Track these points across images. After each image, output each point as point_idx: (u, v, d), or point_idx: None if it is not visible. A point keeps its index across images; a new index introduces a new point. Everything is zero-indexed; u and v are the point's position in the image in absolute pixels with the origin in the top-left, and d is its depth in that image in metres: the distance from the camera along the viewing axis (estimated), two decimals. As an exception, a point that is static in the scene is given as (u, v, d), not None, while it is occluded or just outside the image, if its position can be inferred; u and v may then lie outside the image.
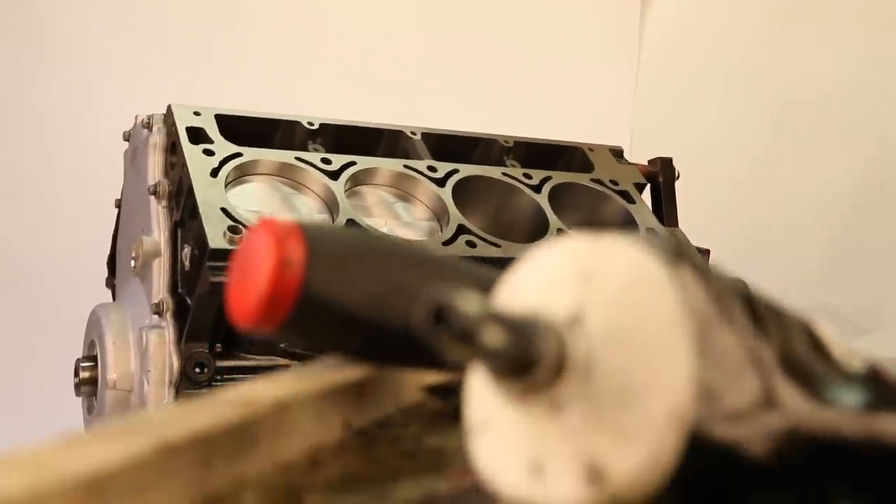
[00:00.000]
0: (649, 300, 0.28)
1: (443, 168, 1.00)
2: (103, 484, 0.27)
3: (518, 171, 1.05)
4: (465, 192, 0.99)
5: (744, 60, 1.45)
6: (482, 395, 0.31)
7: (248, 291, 0.38)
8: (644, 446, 0.27)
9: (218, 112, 0.96)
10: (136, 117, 0.98)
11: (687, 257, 0.32)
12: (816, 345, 0.35)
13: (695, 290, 0.31)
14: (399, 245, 0.41)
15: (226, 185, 0.91)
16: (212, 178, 0.90)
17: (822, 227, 1.36)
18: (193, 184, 0.89)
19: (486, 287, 0.37)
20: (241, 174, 0.94)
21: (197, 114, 0.95)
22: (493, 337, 0.26)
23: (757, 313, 0.34)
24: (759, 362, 0.32)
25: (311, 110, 1.01)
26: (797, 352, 0.34)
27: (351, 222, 0.89)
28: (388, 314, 0.39)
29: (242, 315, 0.38)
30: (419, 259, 0.40)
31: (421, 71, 1.51)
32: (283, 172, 0.95)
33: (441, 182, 0.98)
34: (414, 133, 1.04)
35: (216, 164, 0.91)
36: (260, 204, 0.93)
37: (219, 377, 0.89)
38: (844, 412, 0.35)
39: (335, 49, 1.50)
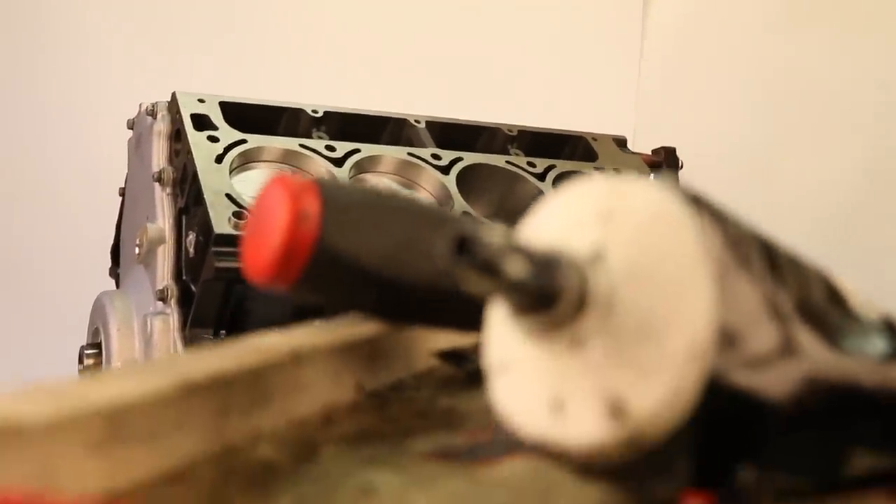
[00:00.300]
0: (670, 238, 0.28)
1: (447, 156, 1.00)
2: (122, 416, 0.27)
3: (522, 160, 1.05)
4: (469, 181, 0.99)
5: (748, 51, 1.45)
6: (502, 335, 0.31)
7: (262, 246, 0.38)
8: (665, 381, 0.27)
9: (222, 99, 0.96)
10: (139, 105, 0.98)
11: (704, 203, 0.32)
12: (834, 295, 0.35)
13: (712, 235, 0.31)
14: (414, 203, 0.41)
15: (230, 172, 0.91)
16: (216, 165, 0.90)
17: (824, 218, 1.36)
18: (198, 170, 0.89)
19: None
20: (246, 161, 0.94)
21: (201, 101, 0.95)
22: (515, 267, 0.26)
23: (774, 261, 0.33)
24: (777, 309, 0.32)
25: (316, 98, 1.01)
26: (815, 300, 0.34)
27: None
28: (403, 270, 0.39)
29: (257, 271, 0.38)
30: (434, 217, 0.40)
31: (425, 59, 1.51)
32: (288, 159, 0.95)
33: (445, 170, 0.99)
34: (418, 121, 1.04)
35: (221, 151, 0.91)
36: (264, 191, 0.93)
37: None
38: (863, 361, 0.35)
39: (340, 37, 1.50)
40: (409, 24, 1.53)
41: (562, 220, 0.30)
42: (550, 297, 0.27)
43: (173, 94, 0.95)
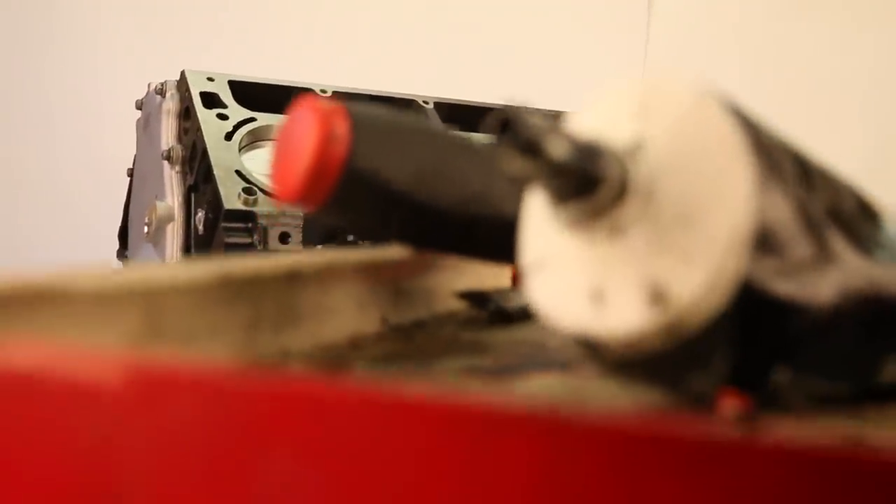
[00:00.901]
0: (709, 128, 0.29)
1: (455, 137, 1.00)
2: (162, 304, 0.27)
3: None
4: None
5: (753, 38, 1.45)
6: (538, 233, 0.31)
7: (292, 167, 0.38)
8: (706, 266, 0.27)
9: (231, 78, 0.96)
10: (148, 85, 0.98)
11: (737, 110, 0.32)
12: (865, 207, 0.36)
13: (745, 141, 0.31)
14: (441, 130, 0.41)
15: (239, 150, 0.91)
16: (226, 142, 0.90)
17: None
18: (208, 147, 0.89)
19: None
20: (255, 139, 0.94)
21: (210, 79, 0.95)
22: (558, 149, 0.26)
23: (806, 170, 0.34)
24: (809, 216, 0.33)
25: (324, 78, 1.01)
26: (846, 210, 0.34)
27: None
28: (430, 194, 0.39)
29: (286, 192, 0.38)
30: (462, 144, 0.40)
31: (434, 40, 1.51)
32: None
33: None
34: (426, 102, 1.04)
35: (230, 129, 0.91)
36: (274, 168, 0.93)
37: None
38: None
39: (348, 16, 1.51)
40: (419, 4, 1.53)
41: (599, 116, 0.30)
42: (592, 181, 0.28)
43: (182, 73, 0.95)
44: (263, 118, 0.93)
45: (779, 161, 0.33)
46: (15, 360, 0.20)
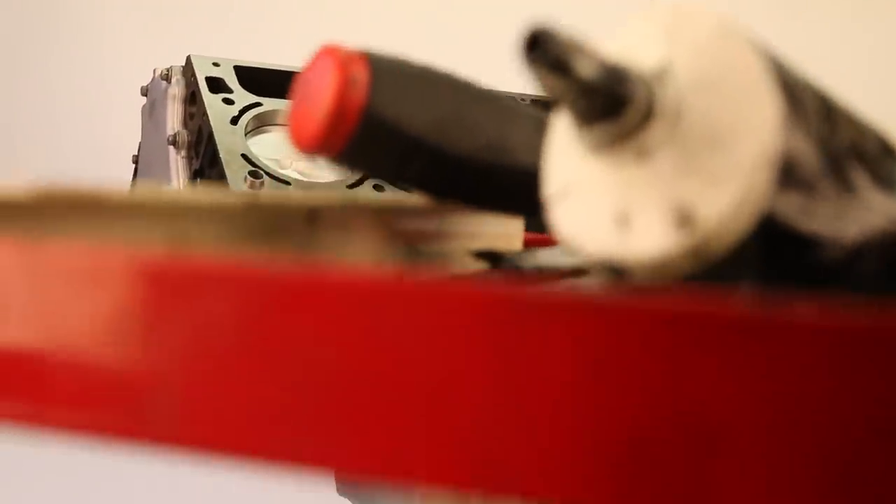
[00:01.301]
0: (735, 52, 0.29)
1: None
2: (190, 215, 0.27)
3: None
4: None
5: (756, 28, 1.45)
6: (562, 161, 0.31)
7: (310, 114, 0.38)
8: (734, 187, 0.27)
9: (237, 63, 0.96)
10: (154, 71, 0.98)
11: (761, 45, 0.32)
12: (887, 148, 0.36)
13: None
14: (461, 79, 0.41)
15: (245, 135, 0.91)
16: (232, 126, 0.90)
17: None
18: (213, 131, 0.89)
19: (543, 126, 0.37)
20: (261, 124, 0.94)
21: (216, 64, 0.96)
22: (586, 67, 0.26)
23: (829, 108, 0.34)
24: (833, 153, 0.33)
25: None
26: (869, 149, 0.34)
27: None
28: (449, 141, 0.39)
29: (304, 139, 0.38)
30: (481, 93, 0.40)
31: (438, 24, 1.51)
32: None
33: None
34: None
35: (236, 113, 0.91)
36: (279, 153, 0.93)
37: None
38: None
39: (353, 1, 1.51)
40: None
41: (626, 41, 0.30)
42: (619, 102, 0.28)
43: (188, 58, 0.95)
44: (269, 103, 0.93)
45: (801, 98, 0.33)
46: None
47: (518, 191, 0.39)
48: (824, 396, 0.18)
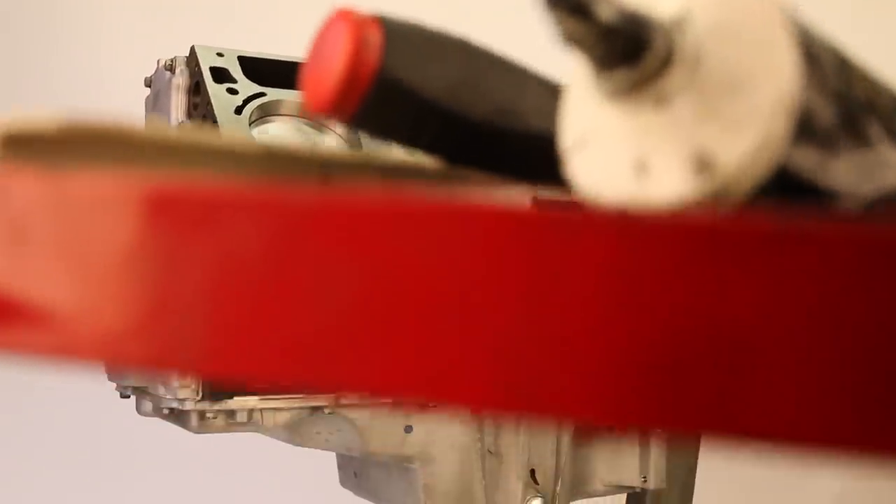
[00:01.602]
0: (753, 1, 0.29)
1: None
2: (206, 151, 0.27)
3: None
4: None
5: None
6: (579, 112, 0.31)
7: (323, 76, 0.38)
8: (753, 133, 0.27)
9: (241, 54, 0.96)
10: (157, 61, 0.98)
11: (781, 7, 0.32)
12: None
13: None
14: (474, 44, 0.41)
15: (249, 124, 0.91)
16: (236, 116, 0.91)
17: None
18: (218, 120, 0.89)
19: (558, 94, 0.38)
20: (265, 114, 0.94)
21: (220, 55, 0.96)
22: (605, 10, 0.27)
23: (846, 65, 0.34)
24: (850, 109, 0.33)
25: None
26: (885, 105, 0.35)
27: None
28: (463, 105, 0.39)
29: (318, 101, 0.38)
30: (495, 58, 0.40)
31: (444, 16, 1.51)
32: (307, 113, 0.95)
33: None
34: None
35: (240, 103, 0.91)
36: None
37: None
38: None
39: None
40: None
41: (642, -8, 0.30)
42: (638, 47, 0.28)
43: (192, 48, 0.95)
44: (273, 93, 0.93)
45: (818, 55, 0.33)
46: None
47: (532, 156, 0.39)
48: (849, 304, 0.18)
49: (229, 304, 0.21)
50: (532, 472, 0.99)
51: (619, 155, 0.29)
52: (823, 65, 0.33)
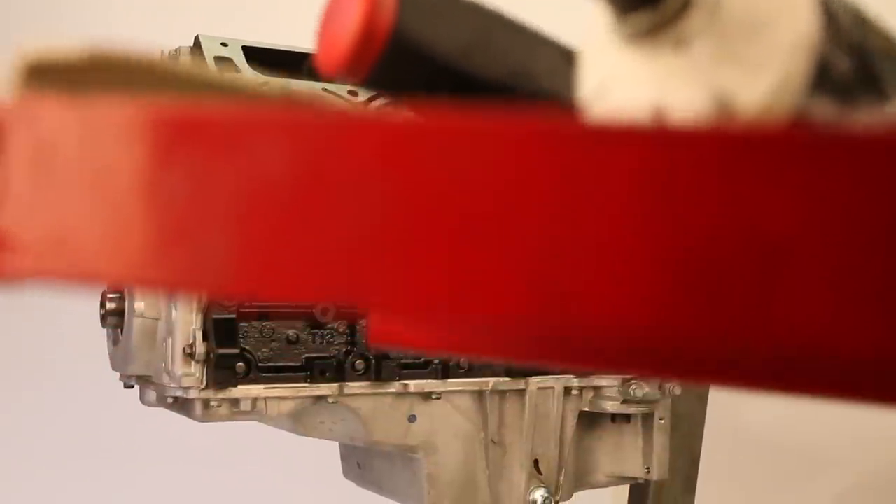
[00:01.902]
0: (771, -55, 0.29)
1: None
2: (228, 88, 0.27)
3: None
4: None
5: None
6: (597, 59, 0.31)
7: (338, 36, 0.38)
8: (772, 74, 0.28)
9: (245, 43, 0.96)
10: (162, 51, 0.98)
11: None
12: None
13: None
14: (488, 6, 0.41)
15: (253, 114, 0.91)
16: (240, 105, 0.91)
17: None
18: (222, 109, 0.89)
19: (570, 57, 0.38)
20: (269, 103, 0.94)
21: (224, 45, 0.96)
22: (627, -50, 0.27)
23: (860, 17, 0.34)
24: (865, 59, 0.33)
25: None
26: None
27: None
28: (477, 66, 0.39)
29: (332, 62, 0.38)
30: (509, 20, 0.41)
31: None
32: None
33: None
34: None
35: (244, 92, 0.92)
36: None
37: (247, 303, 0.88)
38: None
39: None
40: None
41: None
42: (658, -11, 0.28)
43: (196, 38, 0.95)
44: (277, 83, 0.94)
45: (835, 7, 0.33)
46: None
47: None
48: (886, 211, 0.18)
49: (255, 224, 0.21)
50: (535, 462, 1.00)
51: (639, 98, 0.29)
52: (839, 17, 0.33)
